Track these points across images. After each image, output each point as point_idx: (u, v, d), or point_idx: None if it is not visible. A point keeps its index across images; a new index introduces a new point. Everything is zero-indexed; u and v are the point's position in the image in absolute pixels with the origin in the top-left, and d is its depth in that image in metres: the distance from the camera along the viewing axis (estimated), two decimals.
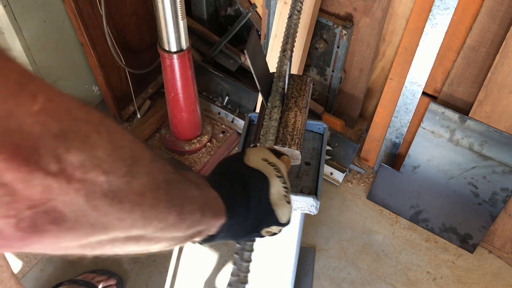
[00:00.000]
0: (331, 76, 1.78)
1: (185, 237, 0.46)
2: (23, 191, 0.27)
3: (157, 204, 0.38)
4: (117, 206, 0.33)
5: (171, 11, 1.38)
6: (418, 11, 1.42)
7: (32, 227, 0.28)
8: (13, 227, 0.27)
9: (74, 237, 0.31)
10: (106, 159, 0.31)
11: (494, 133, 1.40)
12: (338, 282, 1.58)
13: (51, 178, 0.28)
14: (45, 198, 0.28)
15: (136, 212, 0.35)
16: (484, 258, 1.65)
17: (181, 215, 0.42)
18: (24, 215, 0.27)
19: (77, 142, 0.29)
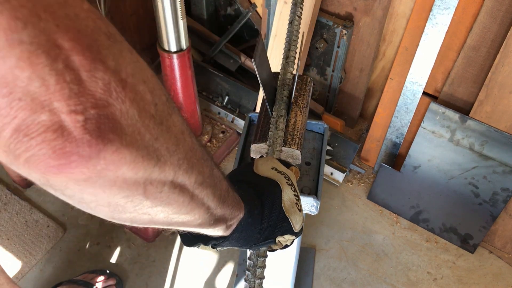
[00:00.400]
0: (331, 76, 1.77)
1: (215, 214, 0.46)
2: (88, 81, 0.26)
3: (195, 149, 0.38)
4: (165, 133, 0.32)
5: (170, 11, 1.38)
6: (418, 11, 1.42)
7: (98, 131, 0.27)
8: (81, 126, 0.26)
9: (132, 158, 0.30)
10: (151, 79, 0.31)
11: (494, 133, 1.40)
12: (338, 282, 1.58)
13: (111, 74, 0.27)
14: (106, 98, 0.27)
15: (181, 148, 0.35)
16: (485, 258, 1.65)
17: (212, 175, 0.42)
18: (90, 114, 0.26)
19: (125, 49, 0.29)
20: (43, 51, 0.24)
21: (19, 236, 1.64)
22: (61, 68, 0.25)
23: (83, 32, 0.26)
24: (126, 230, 1.68)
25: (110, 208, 0.33)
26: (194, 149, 0.38)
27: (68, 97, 0.25)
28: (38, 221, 1.68)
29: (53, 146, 0.26)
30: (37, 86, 0.24)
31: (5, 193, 1.74)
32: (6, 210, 1.70)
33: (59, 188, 0.29)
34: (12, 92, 0.24)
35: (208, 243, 0.54)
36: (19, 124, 0.25)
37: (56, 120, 0.25)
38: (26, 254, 1.61)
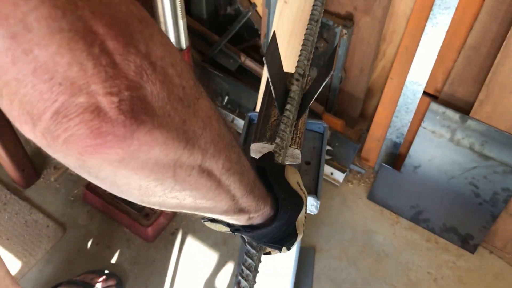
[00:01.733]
0: (332, 76, 1.77)
1: (240, 205, 0.47)
2: (122, 64, 0.27)
3: (222, 134, 0.39)
4: (192, 117, 0.33)
5: (170, 11, 1.37)
6: (418, 10, 1.42)
7: (132, 112, 0.28)
8: (116, 107, 0.27)
9: (163, 139, 0.31)
10: (179, 63, 0.32)
11: (495, 133, 1.40)
12: (339, 282, 1.58)
13: (142, 58, 0.28)
14: (137, 81, 0.28)
15: (208, 132, 0.36)
16: (485, 258, 1.65)
17: (239, 163, 0.43)
18: (124, 96, 0.27)
19: (156, 32, 0.30)
20: (81, 37, 0.25)
21: (18, 236, 1.64)
22: (97, 52, 0.26)
23: (116, 17, 0.27)
24: (126, 230, 1.68)
25: (141, 191, 0.34)
26: (222, 135, 0.39)
27: (104, 80, 0.26)
28: (38, 221, 1.68)
29: (90, 126, 0.27)
30: (76, 71, 0.26)
31: (5, 193, 1.74)
32: (6, 210, 1.70)
33: (94, 170, 0.30)
34: (53, 77, 0.25)
35: (229, 227, 0.55)
36: (59, 107, 0.26)
37: (93, 102, 0.26)
38: (25, 254, 1.60)
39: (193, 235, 1.67)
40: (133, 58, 0.28)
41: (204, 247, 1.65)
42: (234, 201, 0.45)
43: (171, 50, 0.32)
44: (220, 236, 1.67)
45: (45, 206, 1.73)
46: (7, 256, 1.60)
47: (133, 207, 1.65)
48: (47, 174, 1.82)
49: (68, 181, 1.79)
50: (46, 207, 1.73)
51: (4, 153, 1.63)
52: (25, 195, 1.76)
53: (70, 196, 1.75)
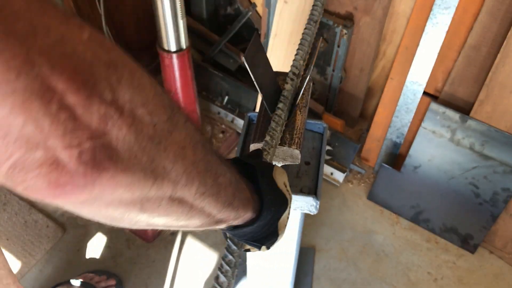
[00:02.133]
0: (332, 76, 1.77)
1: (218, 219, 0.47)
2: (83, 116, 0.27)
3: (196, 162, 0.38)
4: (162, 153, 0.33)
5: (170, 11, 1.37)
6: (419, 10, 1.42)
7: (93, 162, 0.28)
8: (76, 159, 0.27)
9: (128, 182, 0.30)
10: (151, 100, 0.32)
11: (495, 133, 1.40)
12: (339, 283, 1.58)
13: (106, 106, 0.28)
14: (102, 129, 0.28)
15: (179, 164, 0.35)
16: (485, 258, 1.64)
17: (216, 184, 0.42)
18: (85, 147, 0.27)
19: (126, 74, 0.30)
20: (37, 97, 0.25)
21: (18, 236, 1.64)
22: (55, 109, 0.25)
23: (79, 68, 0.26)
24: (125, 230, 1.67)
25: (108, 220, 0.35)
26: (196, 162, 0.38)
27: (62, 135, 0.26)
28: (38, 221, 1.67)
29: (47, 179, 0.27)
30: (32, 129, 0.25)
31: (4, 193, 1.74)
32: (5, 210, 1.70)
33: (57, 206, 0.31)
34: (8, 134, 0.25)
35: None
36: (14, 161, 0.26)
37: (51, 155, 0.26)
38: (25, 254, 1.60)
39: (193, 235, 1.67)
40: (96, 108, 0.27)
41: (204, 247, 1.65)
42: (210, 217, 0.45)
43: (142, 88, 0.31)
44: (220, 236, 1.67)
45: (45, 206, 1.73)
46: (7, 256, 1.60)
47: None
48: None
49: None
50: (45, 207, 1.73)
51: None
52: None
53: None
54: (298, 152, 0.76)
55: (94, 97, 0.27)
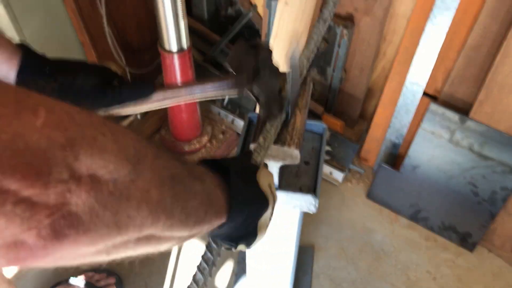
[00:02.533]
0: (332, 76, 1.78)
1: (190, 235, 0.47)
2: (40, 201, 0.27)
3: (162, 200, 0.38)
4: (124, 203, 0.33)
5: (171, 11, 1.38)
6: (419, 11, 1.42)
7: (53, 233, 0.28)
8: (35, 236, 0.27)
9: (91, 240, 0.31)
10: (112, 160, 0.32)
11: (494, 134, 1.40)
12: (338, 281, 1.59)
13: (64, 185, 0.28)
14: (60, 203, 0.28)
15: (144, 208, 0.35)
16: (484, 257, 1.65)
17: (185, 210, 0.42)
18: (44, 224, 0.27)
19: (84, 147, 0.30)
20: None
21: None
22: (9, 208, 0.26)
23: (32, 162, 0.26)
24: None
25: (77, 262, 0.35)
26: (163, 199, 0.38)
27: (20, 224, 0.26)
28: None
29: (8, 257, 0.27)
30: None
31: None
32: None
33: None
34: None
35: None
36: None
37: (10, 240, 0.27)
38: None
39: None
40: (53, 190, 0.27)
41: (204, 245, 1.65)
42: (180, 239, 0.46)
43: (102, 151, 0.31)
44: None
45: None
46: None
47: None
48: None
49: None
50: None
51: None
52: None
53: None
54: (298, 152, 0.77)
55: (50, 183, 0.27)
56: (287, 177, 0.95)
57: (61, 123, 0.29)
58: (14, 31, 1.46)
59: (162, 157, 0.39)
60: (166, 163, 0.40)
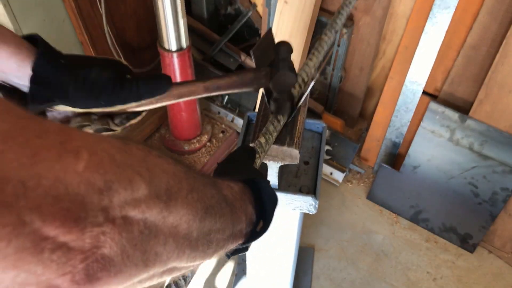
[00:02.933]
0: (332, 75, 1.77)
1: (211, 258, 0.47)
2: (76, 246, 0.27)
3: (189, 234, 0.38)
4: (153, 241, 0.33)
5: (171, 10, 1.38)
6: (418, 10, 1.42)
7: (86, 278, 0.28)
8: (69, 281, 0.27)
9: (120, 280, 0.31)
10: (145, 199, 0.32)
11: (494, 133, 1.40)
12: (338, 282, 1.58)
13: (99, 228, 0.28)
14: (94, 247, 0.28)
15: (170, 243, 0.36)
16: (484, 258, 1.65)
17: (209, 243, 0.43)
18: (78, 268, 0.28)
19: (119, 190, 0.30)
20: (29, 252, 0.25)
21: None
22: (47, 255, 0.26)
23: (71, 208, 0.27)
24: None
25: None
26: (188, 235, 0.38)
27: (56, 270, 0.27)
28: None
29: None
30: (25, 277, 0.26)
31: None
32: None
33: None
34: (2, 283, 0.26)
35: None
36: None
37: (44, 286, 0.27)
38: None
39: None
40: (88, 235, 0.27)
41: None
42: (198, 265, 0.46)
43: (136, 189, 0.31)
44: None
45: None
46: None
47: None
48: None
49: None
50: None
51: None
52: None
53: None
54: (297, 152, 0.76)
55: (86, 228, 0.27)
56: (287, 177, 0.95)
57: (101, 165, 0.29)
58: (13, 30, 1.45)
59: (197, 189, 0.39)
60: (201, 195, 0.40)
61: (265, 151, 0.69)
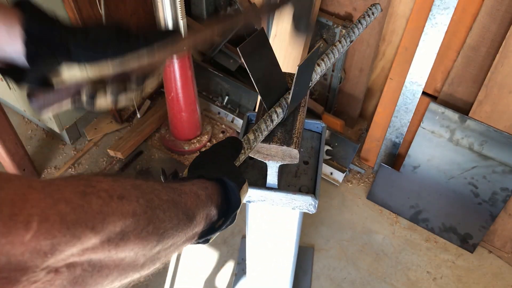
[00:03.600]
0: (331, 76, 1.78)
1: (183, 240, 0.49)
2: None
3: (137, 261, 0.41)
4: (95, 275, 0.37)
5: (171, 11, 1.38)
6: (418, 11, 1.42)
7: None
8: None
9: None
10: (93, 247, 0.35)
11: (494, 133, 1.40)
12: (338, 282, 1.58)
13: (39, 283, 0.31)
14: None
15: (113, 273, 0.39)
16: (484, 258, 1.65)
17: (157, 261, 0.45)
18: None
19: (67, 248, 0.33)
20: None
21: None
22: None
23: (9, 277, 0.30)
24: None
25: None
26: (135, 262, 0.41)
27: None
28: None
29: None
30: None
31: None
32: None
33: None
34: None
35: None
36: None
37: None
38: None
39: None
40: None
41: (204, 246, 1.66)
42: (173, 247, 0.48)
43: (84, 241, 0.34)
44: (220, 235, 1.67)
45: None
46: None
47: None
48: (47, 174, 1.83)
49: None
50: None
51: (5, 153, 1.63)
52: None
53: None
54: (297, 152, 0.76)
55: (21, 285, 0.30)
56: (287, 177, 0.95)
57: (50, 231, 0.31)
58: None
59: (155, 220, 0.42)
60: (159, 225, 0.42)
61: (251, 147, 0.69)
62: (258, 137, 0.70)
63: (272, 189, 0.89)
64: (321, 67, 0.81)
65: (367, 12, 0.88)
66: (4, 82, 1.70)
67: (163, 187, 0.46)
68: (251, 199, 0.91)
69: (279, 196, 0.89)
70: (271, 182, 0.88)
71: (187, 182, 0.52)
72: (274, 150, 0.77)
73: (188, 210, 0.48)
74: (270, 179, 0.87)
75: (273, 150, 0.77)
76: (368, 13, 0.88)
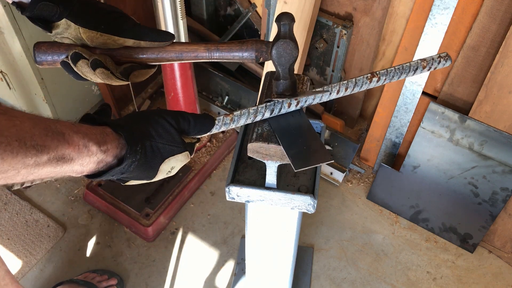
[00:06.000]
0: (331, 76, 1.78)
1: (47, 160, 0.53)
2: None
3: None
4: None
5: (170, 11, 1.38)
6: (418, 11, 1.42)
7: None
8: None
9: None
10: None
11: (494, 133, 1.40)
12: (338, 282, 1.58)
13: None
14: None
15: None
16: (484, 258, 1.65)
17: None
18: None
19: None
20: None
21: (19, 235, 1.65)
22: None
23: None
24: (126, 230, 1.68)
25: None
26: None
27: None
28: (38, 221, 1.68)
29: None
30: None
31: (5, 193, 1.75)
32: (7, 210, 1.70)
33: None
34: None
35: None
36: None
37: None
38: (26, 253, 1.61)
39: (193, 234, 1.68)
40: None
41: (204, 246, 1.66)
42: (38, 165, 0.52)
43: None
44: (220, 235, 1.67)
45: (46, 206, 1.74)
46: (8, 255, 1.61)
47: (133, 207, 1.66)
48: None
49: (69, 181, 1.80)
50: (46, 207, 1.74)
51: None
52: (25, 195, 1.77)
53: (70, 196, 1.76)
54: None
55: None
56: (286, 177, 0.95)
57: None
58: (13, 32, 1.46)
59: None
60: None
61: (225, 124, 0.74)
62: (234, 121, 0.75)
63: (271, 189, 0.89)
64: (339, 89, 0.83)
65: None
66: (4, 82, 1.70)
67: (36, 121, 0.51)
68: (250, 198, 0.91)
69: (278, 196, 0.89)
70: (270, 182, 0.88)
71: (81, 125, 0.58)
72: (273, 150, 0.77)
73: (34, 140, 0.51)
74: (269, 179, 0.88)
75: (271, 150, 0.78)
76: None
